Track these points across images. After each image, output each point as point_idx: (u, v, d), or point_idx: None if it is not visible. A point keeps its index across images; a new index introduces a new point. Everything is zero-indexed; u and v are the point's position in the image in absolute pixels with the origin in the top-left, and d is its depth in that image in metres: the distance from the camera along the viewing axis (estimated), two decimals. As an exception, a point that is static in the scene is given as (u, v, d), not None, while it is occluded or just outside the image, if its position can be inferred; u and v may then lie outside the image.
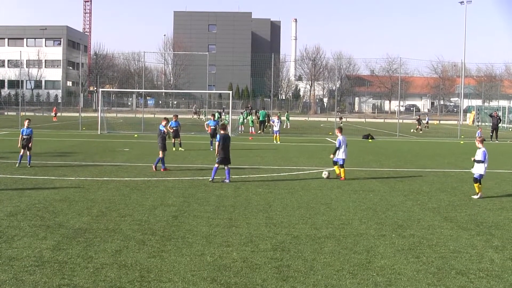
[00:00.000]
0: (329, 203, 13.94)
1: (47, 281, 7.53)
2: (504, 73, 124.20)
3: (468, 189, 16.75)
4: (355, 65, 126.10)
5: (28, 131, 20.26)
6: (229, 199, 14.18)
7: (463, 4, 73.10)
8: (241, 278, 7.88)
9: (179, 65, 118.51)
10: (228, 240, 9.96)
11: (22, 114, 55.62)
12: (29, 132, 20.25)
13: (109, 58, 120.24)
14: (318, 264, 8.60)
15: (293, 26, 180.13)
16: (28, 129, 20.28)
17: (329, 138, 41.28)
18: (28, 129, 20.28)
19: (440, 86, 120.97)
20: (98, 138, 36.36)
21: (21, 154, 19.96)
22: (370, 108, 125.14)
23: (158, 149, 19.73)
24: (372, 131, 51.91)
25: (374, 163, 23.76)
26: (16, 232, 10.21)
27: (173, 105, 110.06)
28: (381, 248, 9.65)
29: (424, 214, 12.84)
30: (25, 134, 20.05)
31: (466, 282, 7.91)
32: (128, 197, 14.11)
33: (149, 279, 7.71)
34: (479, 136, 15.83)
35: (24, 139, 19.98)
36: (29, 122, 20.90)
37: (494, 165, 24.36)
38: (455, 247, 9.83)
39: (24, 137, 20.01)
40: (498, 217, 12.62)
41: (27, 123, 20.64)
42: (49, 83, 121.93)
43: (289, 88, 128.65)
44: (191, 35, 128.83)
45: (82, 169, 19.76)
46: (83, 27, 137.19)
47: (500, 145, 38.97)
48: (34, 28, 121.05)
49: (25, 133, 20.10)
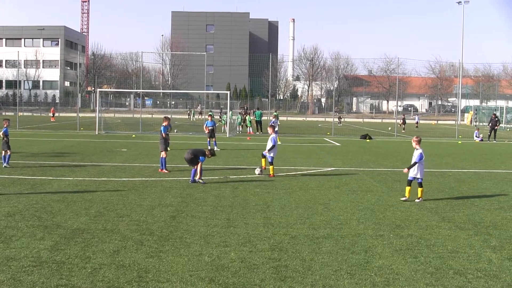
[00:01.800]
0: (327, 203, 13.94)
1: (45, 282, 7.52)
2: (502, 73, 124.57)
3: (467, 189, 16.77)
4: (353, 65, 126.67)
5: (4, 130, 20.43)
6: (227, 199, 14.17)
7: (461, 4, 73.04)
8: (239, 278, 7.88)
9: (177, 65, 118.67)
10: (226, 240, 9.95)
11: (19, 114, 55.62)
12: (5, 131, 20.45)
13: (107, 58, 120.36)
14: (316, 264, 8.60)
15: (291, 26, 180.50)
16: (4, 128, 20.44)
17: (327, 138, 41.30)
18: (4, 128, 20.44)
19: (438, 86, 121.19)
20: (96, 139, 36.33)
21: (4, 154, 20.15)
22: (368, 108, 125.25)
23: (160, 150, 19.71)
24: (370, 131, 51.95)
25: (372, 163, 23.77)
26: (14, 232, 10.19)
27: (171, 105, 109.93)
28: (379, 248, 9.65)
29: (422, 214, 12.85)
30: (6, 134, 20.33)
31: (464, 282, 7.92)
32: (126, 198, 14.10)
33: (147, 279, 7.71)
34: (416, 136, 14.90)
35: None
36: (9, 122, 21.07)
37: (492, 165, 24.43)
38: (453, 247, 9.84)
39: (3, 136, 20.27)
40: (496, 217, 12.63)
41: (7, 123, 20.83)
42: (47, 83, 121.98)
43: (287, 88, 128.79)
44: (189, 35, 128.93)
45: (80, 169, 19.75)
46: (81, 27, 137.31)
47: (498, 145, 39.01)
48: (32, 28, 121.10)
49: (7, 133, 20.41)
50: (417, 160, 14.35)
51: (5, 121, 20.98)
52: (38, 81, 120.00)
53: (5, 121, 20.98)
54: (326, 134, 46.35)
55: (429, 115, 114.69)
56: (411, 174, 14.46)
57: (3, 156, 20.21)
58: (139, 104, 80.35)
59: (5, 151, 20.14)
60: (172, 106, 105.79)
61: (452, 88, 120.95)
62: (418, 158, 14.37)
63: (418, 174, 14.44)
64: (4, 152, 20.19)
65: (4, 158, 20.15)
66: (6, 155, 20.07)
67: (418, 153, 14.45)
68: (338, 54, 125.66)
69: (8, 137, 20.45)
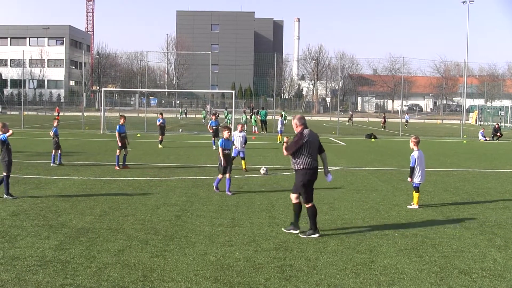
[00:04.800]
0: (332, 202, 13.93)
1: (50, 281, 7.53)
2: (507, 73, 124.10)
3: (471, 189, 16.74)
4: (358, 65, 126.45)
5: (54, 130, 20.77)
6: (232, 198, 14.17)
7: (466, 3, 72.91)
8: (244, 277, 7.88)
9: (182, 64, 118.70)
10: (231, 239, 9.95)
11: (24, 114, 55.71)
12: (54, 131, 20.80)
13: (112, 57, 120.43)
14: (321, 264, 8.59)
15: (296, 25, 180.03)
16: (54, 128, 20.78)
17: (332, 138, 41.26)
18: (54, 128, 20.78)
19: (442, 86, 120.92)
20: (101, 138, 36.41)
21: (54, 153, 20.63)
22: (373, 108, 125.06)
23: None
24: (375, 130, 51.91)
25: (377, 163, 23.75)
26: (19, 231, 10.22)
27: (175, 104, 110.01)
28: (384, 247, 9.64)
29: (427, 213, 12.83)
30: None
31: (469, 282, 7.90)
32: (131, 197, 14.11)
33: (152, 279, 7.72)
34: (415, 137, 13.99)
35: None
36: (58, 122, 21.38)
37: (497, 164, 24.37)
38: (457, 246, 9.82)
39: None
40: (500, 217, 12.60)
41: (57, 123, 21.18)
42: (51, 82, 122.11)
43: (291, 88, 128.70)
44: (194, 34, 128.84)
45: (85, 168, 19.78)
46: (85, 26, 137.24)
47: (503, 144, 38.92)
48: (36, 27, 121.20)
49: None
50: (411, 164, 13.66)
51: (54, 121, 21.24)
52: (43, 80, 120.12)
53: (54, 121, 21.24)
54: (332, 134, 46.33)
55: (434, 115, 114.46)
56: (415, 180, 13.67)
57: (53, 155, 20.58)
58: (144, 104, 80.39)
59: (55, 151, 20.51)
60: (177, 106, 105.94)
61: (457, 88, 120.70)
62: (411, 162, 13.68)
63: (416, 177, 13.67)
64: (54, 151, 20.55)
65: (53, 157, 20.54)
66: (57, 154, 20.52)
67: (411, 155, 13.78)
68: (343, 54, 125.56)
69: (58, 136, 20.72)
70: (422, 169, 13.77)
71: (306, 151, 10.30)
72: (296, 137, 10.45)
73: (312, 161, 10.33)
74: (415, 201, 13.71)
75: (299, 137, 10.37)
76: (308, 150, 10.32)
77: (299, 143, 10.30)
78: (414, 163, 13.62)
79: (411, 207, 13.59)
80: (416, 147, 13.80)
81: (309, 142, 10.33)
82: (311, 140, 10.37)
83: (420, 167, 13.69)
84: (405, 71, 79.13)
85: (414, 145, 13.83)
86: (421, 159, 13.77)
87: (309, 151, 10.32)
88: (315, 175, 10.46)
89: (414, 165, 13.62)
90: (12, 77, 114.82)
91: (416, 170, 13.66)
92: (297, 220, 10.56)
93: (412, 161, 13.67)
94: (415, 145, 13.83)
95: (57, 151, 20.47)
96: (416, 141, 13.88)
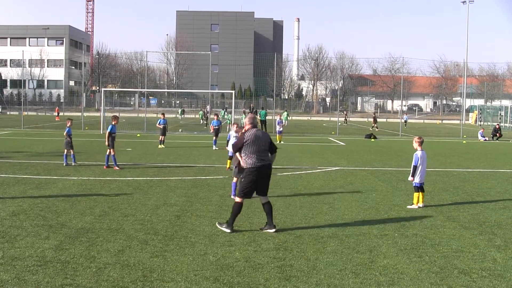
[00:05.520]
0: (332, 202, 13.93)
1: (49, 281, 7.52)
2: (507, 73, 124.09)
3: (471, 189, 16.73)
4: (358, 65, 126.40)
5: (67, 130, 20.88)
6: (232, 199, 14.15)
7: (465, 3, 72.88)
8: (243, 277, 7.88)
9: (181, 64, 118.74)
10: (230, 239, 9.95)
11: (24, 114, 55.71)
12: (68, 131, 20.90)
13: (112, 57, 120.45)
14: (320, 264, 8.59)
15: (295, 25, 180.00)
16: (67, 128, 20.89)
17: (332, 138, 41.26)
18: (67, 128, 20.89)
19: (442, 86, 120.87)
20: (101, 138, 36.35)
21: (66, 153, 20.75)
22: (372, 108, 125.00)
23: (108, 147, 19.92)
24: (375, 130, 51.91)
25: (377, 163, 23.75)
26: (19, 231, 10.21)
27: (175, 104, 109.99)
28: (384, 247, 9.64)
29: (426, 213, 12.82)
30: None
31: (469, 282, 7.90)
32: (131, 197, 14.11)
33: (151, 279, 7.71)
34: (419, 137, 13.98)
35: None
36: (71, 122, 21.43)
37: (496, 164, 24.37)
38: (457, 246, 9.82)
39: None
40: (500, 217, 12.60)
41: (70, 123, 21.23)
42: (51, 82, 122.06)
43: (291, 88, 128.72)
44: (194, 34, 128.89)
45: (85, 168, 19.78)
46: (85, 26, 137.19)
47: (502, 144, 38.93)
48: (36, 27, 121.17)
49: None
50: (414, 163, 13.67)
51: (68, 121, 21.25)
52: (42, 80, 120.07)
53: (68, 121, 21.25)
54: (331, 134, 46.33)
55: (434, 115, 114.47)
56: (416, 180, 13.65)
57: (65, 155, 20.65)
58: (144, 104, 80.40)
59: (68, 150, 20.61)
60: (177, 106, 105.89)
61: (456, 88, 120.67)
62: (414, 161, 13.66)
63: (417, 177, 13.65)
64: (66, 151, 20.64)
65: (65, 157, 20.61)
66: (71, 154, 20.61)
67: (414, 154, 13.77)
68: (343, 54, 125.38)
69: (71, 136, 20.79)
70: (423, 169, 13.81)
71: (249, 151, 10.54)
72: (239, 137, 10.87)
73: (255, 161, 10.52)
74: (414, 201, 13.71)
75: (240, 138, 10.75)
76: (251, 150, 10.55)
77: (238, 144, 10.71)
78: (417, 161, 13.65)
79: (411, 207, 13.58)
80: (420, 147, 13.84)
81: (252, 142, 10.54)
82: (254, 140, 10.57)
83: (421, 167, 13.74)
84: (404, 71, 79.17)
85: (418, 145, 13.85)
86: (424, 159, 13.82)
87: (251, 151, 10.54)
88: (261, 174, 10.60)
89: (417, 163, 13.65)
90: (12, 77, 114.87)
91: (418, 170, 13.69)
92: (270, 219, 10.69)
93: (415, 160, 13.68)
94: (419, 145, 13.85)
95: (69, 151, 20.53)
96: (420, 141, 13.90)
